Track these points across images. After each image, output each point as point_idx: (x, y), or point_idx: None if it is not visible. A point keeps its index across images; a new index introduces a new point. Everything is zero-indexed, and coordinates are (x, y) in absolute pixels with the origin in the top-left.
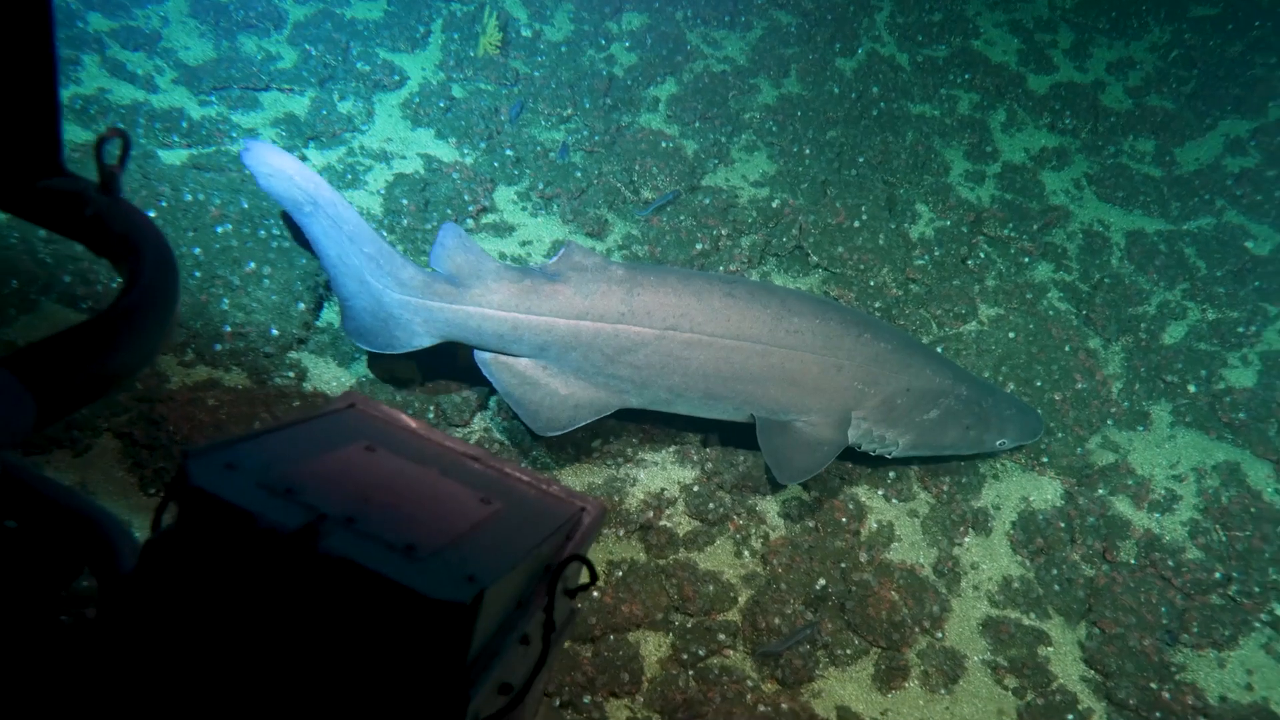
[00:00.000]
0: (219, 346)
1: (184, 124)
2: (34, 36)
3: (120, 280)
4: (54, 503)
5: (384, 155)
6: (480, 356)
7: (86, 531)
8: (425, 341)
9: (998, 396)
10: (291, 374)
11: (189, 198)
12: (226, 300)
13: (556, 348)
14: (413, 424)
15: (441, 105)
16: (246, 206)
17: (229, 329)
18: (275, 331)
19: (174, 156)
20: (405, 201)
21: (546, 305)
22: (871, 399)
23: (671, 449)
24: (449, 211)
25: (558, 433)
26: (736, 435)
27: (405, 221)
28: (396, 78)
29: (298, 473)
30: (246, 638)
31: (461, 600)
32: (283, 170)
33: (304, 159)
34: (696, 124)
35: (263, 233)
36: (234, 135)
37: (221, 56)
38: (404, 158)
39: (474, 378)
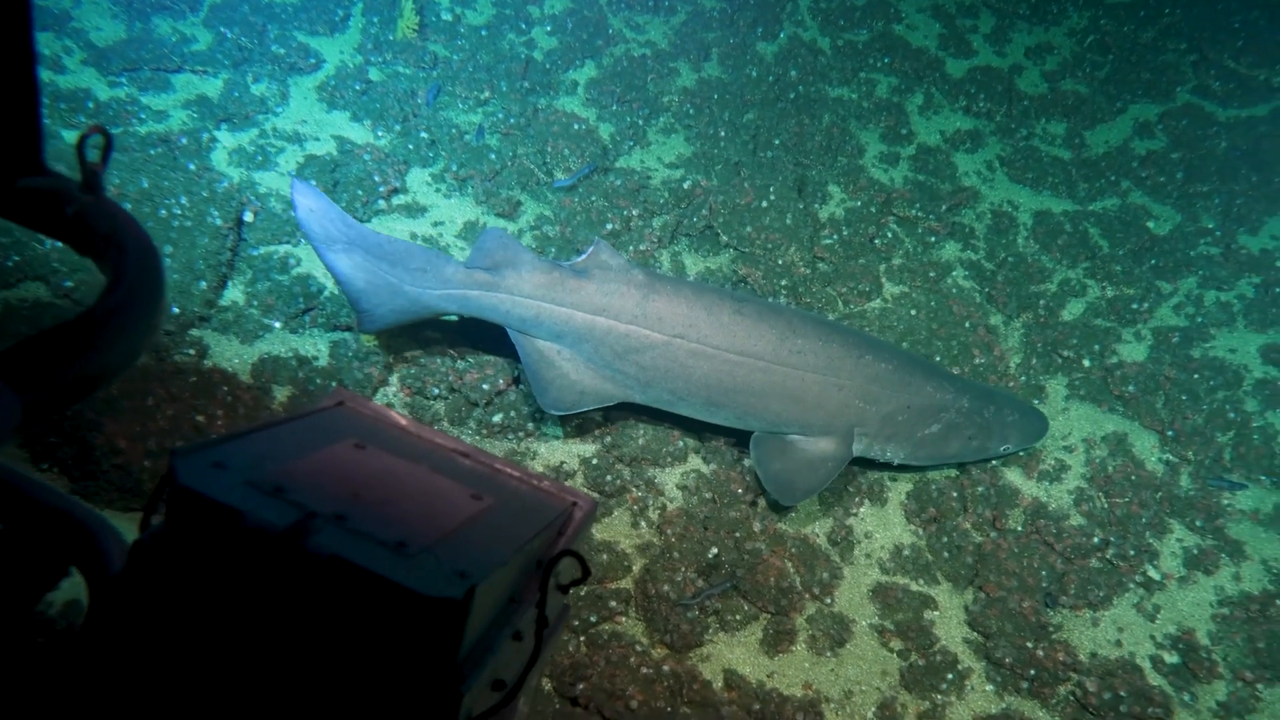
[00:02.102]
0: None
1: (90, 104)
2: (11, 33)
3: (105, 279)
4: (40, 504)
5: (297, 137)
6: (512, 331)
7: (74, 533)
8: (453, 316)
9: (1001, 403)
10: (191, 351)
11: None
12: None
13: (571, 337)
14: (402, 421)
15: (358, 88)
16: (146, 186)
17: None
18: (175, 310)
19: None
20: (314, 182)
21: (568, 298)
22: (872, 416)
23: (573, 423)
24: (359, 193)
25: (562, 412)
26: (637, 411)
27: None
28: (313, 61)
29: (286, 471)
30: (237, 637)
31: (453, 596)
32: (319, 210)
33: (214, 141)
34: (614, 107)
35: (163, 212)
36: (142, 116)
37: (133, 38)
38: (317, 139)
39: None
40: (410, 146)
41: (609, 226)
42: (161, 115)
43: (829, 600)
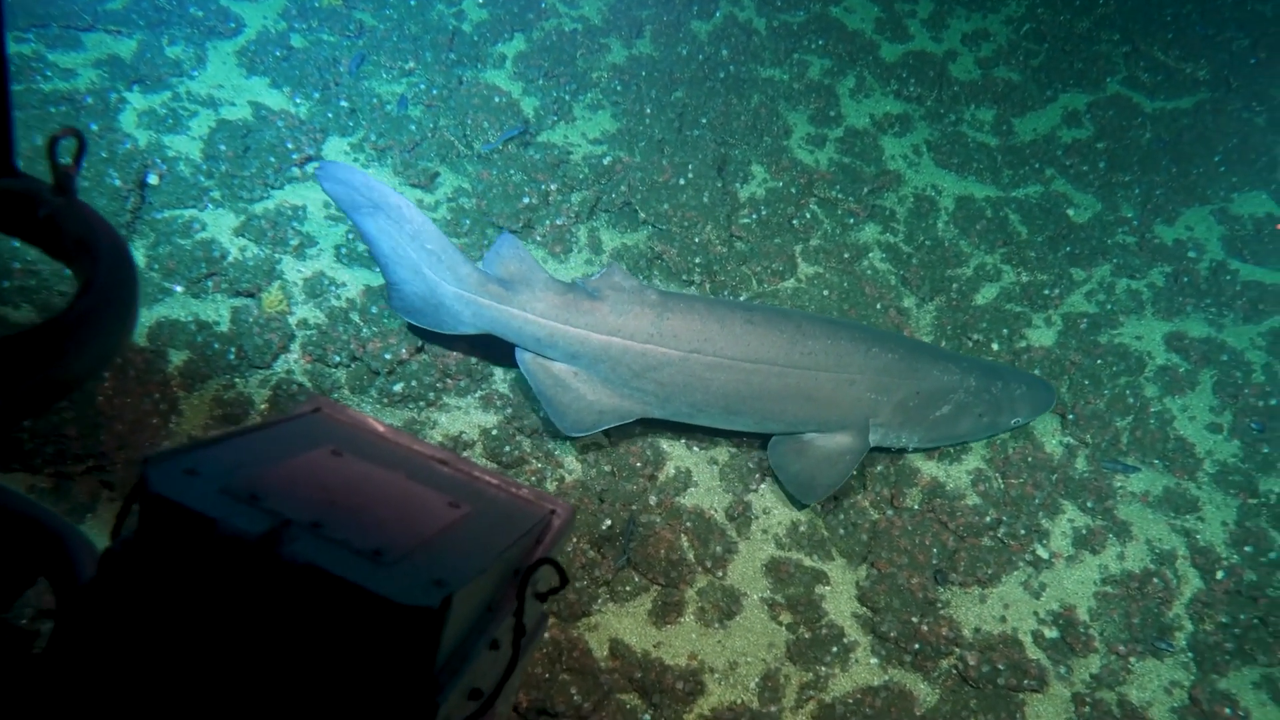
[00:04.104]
0: (7, 284)
1: None
2: None
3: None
4: (7, 510)
5: (212, 101)
6: (521, 357)
7: (43, 540)
8: (470, 330)
9: (1007, 378)
10: None
11: None
12: None
13: (587, 358)
14: (380, 428)
15: (278, 54)
16: (40, 143)
17: (19, 265)
18: (69, 271)
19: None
20: (223, 147)
21: (583, 319)
22: (885, 406)
23: (477, 394)
24: (271, 159)
25: (582, 434)
26: None
27: (223, 167)
28: (233, 25)
29: (261, 478)
30: (210, 647)
31: (429, 605)
32: (346, 181)
33: (123, 102)
34: (540, 81)
35: None
36: (48, 74)
37: None
38: (233, 105)
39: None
40: (329, 115)
41: (525, 200)
42: (69, 74)
43: (721, 574)
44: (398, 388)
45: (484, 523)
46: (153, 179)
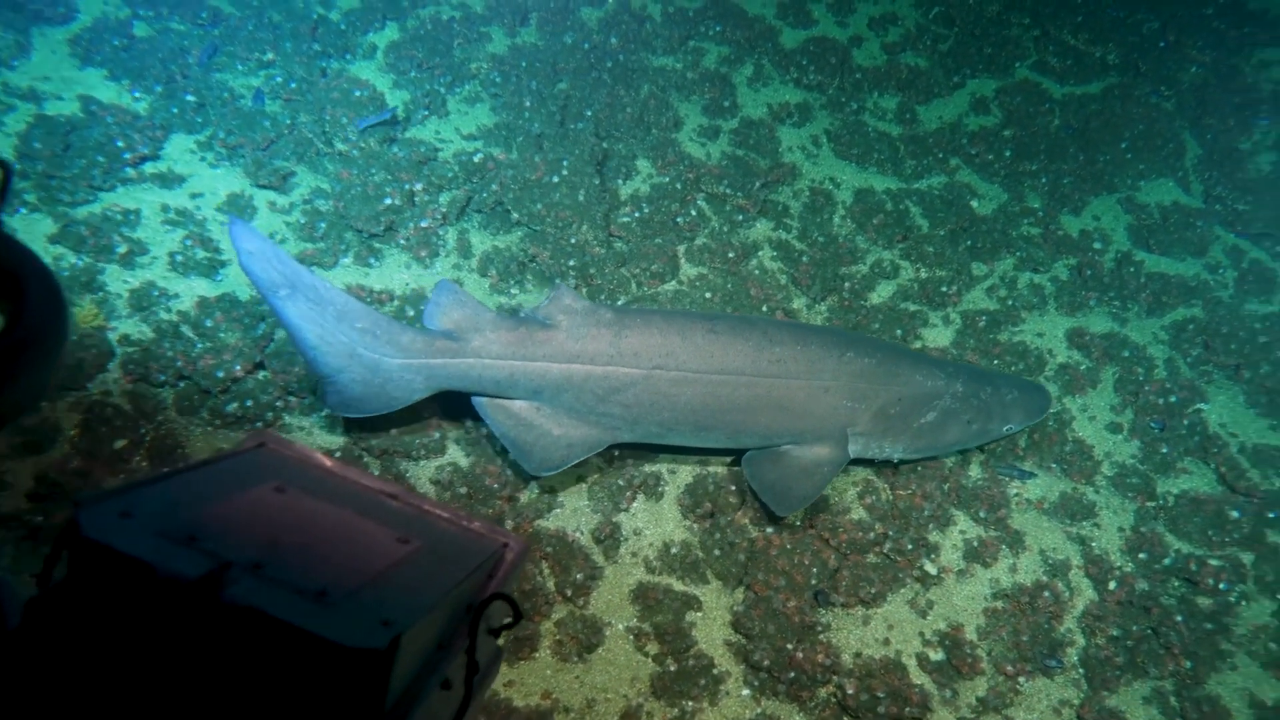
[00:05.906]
0: None
1: None
2: None
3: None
4: None
5: (34, 95)
6: (477, 401)
7: None
8: (422, 395)
9: (998, 383)
10: None
11: None
12: None
13: (550, 390)
14: (327, 462)
15: (117, 43)
16: None
17: None
18: None
19: None
20: (39, 145)
21: (540, 351)
22: (864, 414)
23: (322, 413)
24: (100, 159)
25: (551, 472)
26: None
27: (40, 167)
28: (63, 10)
29: (201, 518)
30: (148, 696)
31: (376, 646)
32: (260, 252)
33: None
34: (413, 73)
35: None
36: None
37: None
38: (60, 99)
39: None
40: (174, 110)
41: (387, 201)
42: None
43: (582, 603)
44: (232, 408)
45: (434, 558)
46: None
